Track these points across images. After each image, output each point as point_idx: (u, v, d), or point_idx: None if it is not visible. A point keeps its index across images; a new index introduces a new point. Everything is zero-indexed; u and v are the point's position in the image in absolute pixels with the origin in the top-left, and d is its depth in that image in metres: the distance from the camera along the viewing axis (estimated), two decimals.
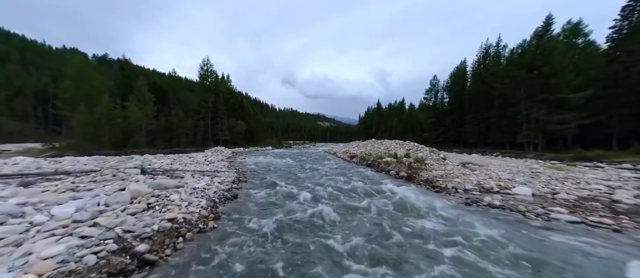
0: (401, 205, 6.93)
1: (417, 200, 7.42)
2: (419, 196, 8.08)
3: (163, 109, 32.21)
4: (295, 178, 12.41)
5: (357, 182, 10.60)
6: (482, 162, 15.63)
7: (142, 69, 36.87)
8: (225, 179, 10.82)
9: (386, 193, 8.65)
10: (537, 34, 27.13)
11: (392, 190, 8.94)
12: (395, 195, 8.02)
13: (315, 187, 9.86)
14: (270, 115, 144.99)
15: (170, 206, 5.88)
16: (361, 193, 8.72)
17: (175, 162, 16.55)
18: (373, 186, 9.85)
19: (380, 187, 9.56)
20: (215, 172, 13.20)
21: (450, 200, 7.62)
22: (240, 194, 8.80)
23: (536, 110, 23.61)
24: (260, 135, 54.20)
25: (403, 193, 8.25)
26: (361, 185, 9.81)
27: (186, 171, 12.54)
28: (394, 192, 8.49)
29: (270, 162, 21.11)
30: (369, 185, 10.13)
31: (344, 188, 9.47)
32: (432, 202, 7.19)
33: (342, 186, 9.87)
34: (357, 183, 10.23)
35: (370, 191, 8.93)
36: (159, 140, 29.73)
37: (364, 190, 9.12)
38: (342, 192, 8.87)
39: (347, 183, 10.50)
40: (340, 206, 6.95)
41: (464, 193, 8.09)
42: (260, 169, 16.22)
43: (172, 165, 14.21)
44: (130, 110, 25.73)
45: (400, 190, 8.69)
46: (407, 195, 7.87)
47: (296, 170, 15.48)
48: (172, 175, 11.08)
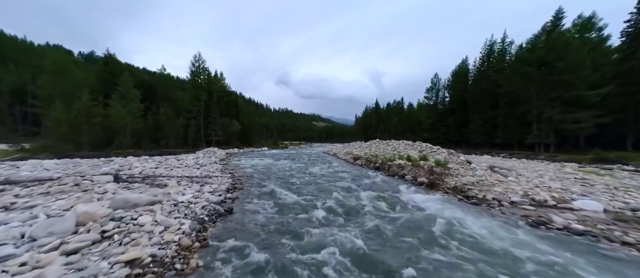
0: (450, 230, 5.26)
1: (464, 220, 5.80)
2: (462, 213, 6.46)
3: (151, 108, 30.06)
4: (298, 184, 10.73)
5: (373, 191, 8.98)
6: (503, 165, 14.19)
7: (129, 66, 34.58)
8: (218, 187, 9.05)
9: (414, 207, 7.03)
10: (545, 29, 26.02)
11: (419, 202, 7.33)
12: (429, 212, 6.42)
13: (323, 196, 8.21)
14: (265, 115, 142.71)
15: (137, 234, 4.13)
16: (385, 206, 7.09)
17: (160, 165, 14.65)
18: (394, 195, 8.24)
19: (401, 197, 7.97)
20: (206, 177, 11.40)
21: (501, 218, 5.98)
22: (236, 208, 7.08)
23: (548, 108, 22.41)
24: (255, 135, 52.22)
25: (440, 209, 6.66)
26: (379, 195, 8.19)
27: (171, 177, 10.72)
28: (426, 207, 6.88)
29: (267, 165, 19.38)
30: (388, 193, 8.53)
31: (361, 199, 7.82)
32: (485, 223, 5.56)
33: (356, 196, 8.23)
34: (373, 192, 8.62)
35: (394, 203, 7.30)
36: (146, 140, 27.59)
37: (386, 201, 7.50)
38: (359, 204, 7.22)
39: (361, 191, 8.86)
40: (366, 231, 5.26)
41: (513, 208, 6.50)
42: (257, 173, 14.47)
43: (155, 170, 12.34)
44: (114, 108, 23.60)
45: (433, 205, 7.10)
46: (454, 215, 6.23)
47: (297, 174, 13.81)
48: (153, 183, 9.25)
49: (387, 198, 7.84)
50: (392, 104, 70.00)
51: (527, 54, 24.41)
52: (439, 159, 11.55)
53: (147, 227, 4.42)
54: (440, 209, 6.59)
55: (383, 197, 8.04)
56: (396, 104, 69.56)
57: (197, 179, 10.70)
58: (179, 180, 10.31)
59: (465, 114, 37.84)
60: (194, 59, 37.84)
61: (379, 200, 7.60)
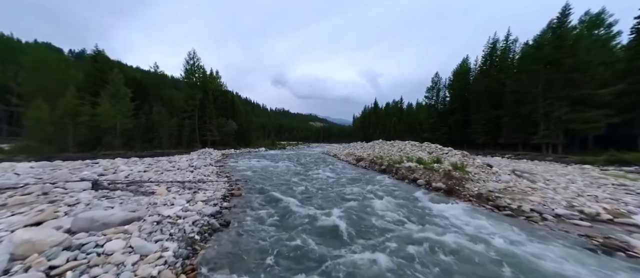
0: (500, 255, 4.24)
1: (509, 239, 4.80)
2: (501, 229, 5.45)
3: (143, 107, 28.69)
4: (302, 189, 9.68)
5: (388, 198, 7.97)
6: (518, 167, 13.30)
7: (119, 63, 33.09)
8: (213, 195, 7.95)
9: (441, 219, 6.02)
10: (551, 27, 25.33)
11: (444, 213, 6.33)
12: (463, 227, 5.40)
13: (332, 205, 7.18)
14: (262, 115, 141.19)
15: (100, 269, 3.04)
16: (407, 218, 6.07)
17: (150, 168, 13.47)
18: (413, 204, 7.26)
19: (422, 206, 6.99)
20: (200, 182, 10.28)
21: (555, 237, 4.94)
22: (234, 220, 6.00)
23: (557, 107, 21.66)
24: (252, 135, 50.93)
25: (472, 223, 5.66)
26: (397, 203, 7.18)
27: (161, 182, 9.58)
28: (455, 220, 5.87)
29: (266, 167, 18.28)
30: (404, 201, 7.55)
31: (377, 209, 6.79)
32: (539, 246, 4.55)
33: (370, 205, 7.21)
34: (388, 200, 7.61)
35: (417, 215, 6.30)
36: (137, 141, 26.23)
37: (407, 212, 6.49)
38: (376, 216, 6.20)
39: (375, 199, 7.84)
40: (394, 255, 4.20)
41: (560, 222, 5.50)
42: (256, 176, 13.38)
43: (144, 174, 11.17)
44: (102, 107, 22.24)
45: (462, 217, 6.11)
46: (493, 231, 5.23)
47: (299, 178, 12.76)
48: (139, 190, 8.11)
49: (407, 208, 6.83)
50: (391, 104, 69.22)
51: (534, 51, 23.67)
52: (455, 162, 10.58)
53: (116, 257, 3.31)
54: (473, 223, 5.58)
55: (401, 206, 7.03)
56: (395, 103, 68.81)
57: (189, 184, 9.58)
58: (169, 186, 9.18)
59: (467, 114, 37.09)
60: (188, 56, 36.47)
61: (398, 211, 6.58)
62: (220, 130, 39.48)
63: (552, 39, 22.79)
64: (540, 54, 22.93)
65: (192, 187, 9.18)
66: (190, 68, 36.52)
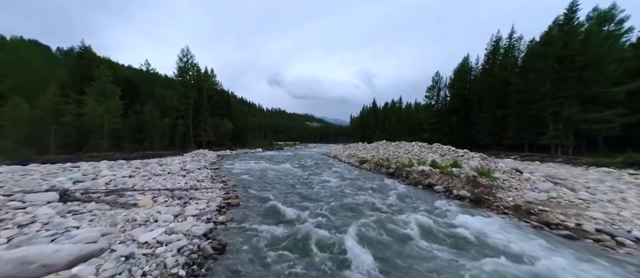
0: None
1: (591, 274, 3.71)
2: (574, 261, 4.38)
3: (133, 106, 27.23)
4: (307, 198, 8.55)
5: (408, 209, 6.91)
6: (538, 170, 12.34)
7: (107, 60, 31.47)
8: (206, 207, 6.76)
9: (480, 239, 4.94)
10: (558, 24, 24.60)
11: (482, 231, 5.25)
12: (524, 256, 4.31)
13: (347, 219, 6.09)
14: (258, 115, 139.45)
15: None
16: (437, 236, 4.99)
17: (137, 172, 12.18)
18: (436, 217, 6.19)
19: (451, 220, 5.93)
20: (192, 189, 9.06)
21: None
22: (231, 241, 4.85)
23: (567, 107, 20.86)
24: (248, 136, 49.58)
25: (527, 248, 4.58)
26: (421, 217, 6.08)
27: (146, 191, 8.34)
28: (502, 244, 4.79)
29: (264, 170, 17.09)
30: (427, 213, 6.48)
31: (401, 224, 5.69)
32: None
33: (390, 218, 6.12)
34: (410, 212, 6.54)
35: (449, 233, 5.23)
36: (126, 141, 24.80)
37: (436, 228, 5.43)
38: (404, 237, 5.09)
39: (396, 214, 6.75)
40: None
41: None
42: (254, 181, 12.19)
43: (128, 180, 9.91)
44: (88, 105, 20.79)
45: (507, 237, 5.04)
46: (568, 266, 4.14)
47: (302, 182, 11.62)
48: (117, 201, 6.86)
49: (435, 223, 5.74)
50: (389, 104, 68.36)
51: (542, 48, 22.87)
52: (477, 167, 9.54)
53: None
54: (527, 248, 4.47)
55: (426, 219, 5.93)
56: (393, 104, 67.97)
57: (179, 193, 8.35)
58: (156, 194, 7.95)
59: (469, 114, 36.28)
60: (182, 53, 35.02)
61: (425, 227, 5.48)
62: (215, 130, 38.13)
63: (561, 35, 22.00)
64: (549, 51, 22.12)
65: (183, 197, 7.96)
66: (183, 66, 35.08)
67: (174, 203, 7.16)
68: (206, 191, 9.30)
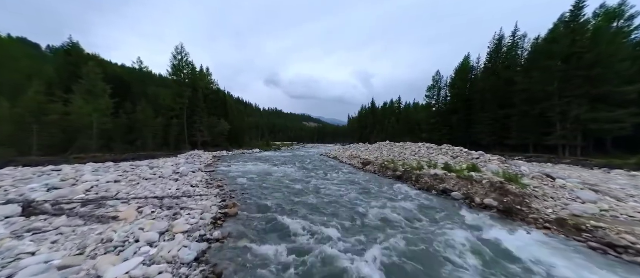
0: None
1: None
2: None
3: (124, 105, 26.01)
4: (314, 207, 7.66)
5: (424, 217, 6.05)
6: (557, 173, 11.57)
7: (97, 58, 30.13)
8: (199, 221, 5.82)
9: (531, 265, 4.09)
10: (564, 21, 24.02)
11: (534, 256, 4.39)
12: None
13: (363, 236, 5.21)
14: (255, 114, 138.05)
15: None
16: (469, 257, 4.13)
17: (125, 176, 11.16)
18: (463, 233, 5.33)
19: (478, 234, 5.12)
20: (184, 197, 8.10)
21: None
22: (228, 266, 3.95)
23: (575, 106, 20.24)
24: (245, 136, 48.45)
25: None
26: (457, 237, 5.21)
27: (131, 200, 7.36)
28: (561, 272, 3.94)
29: (263, 172, 16.16)
30: (452, 229, 5.60)
31: (431, 243, 4.81)
32: None
33: (417, 235, 5.25)
34: (446, 231, 5.67)
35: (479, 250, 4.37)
36: (117, 142, 23.60)
37: (462, 244, 4.58)
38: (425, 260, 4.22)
39: (409, 224, 5.91)
40: None
41: None
42: (253, 185, 11.26)
43: (112, 186, 8.89)
44: (75, 104, 19.61)
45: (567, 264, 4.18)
46: None
47: (304, 188, 10.71)
48: (92, 214, 5.86)
49: (468, 241, 4.88)
50: (388, 104, 67.65)
51: (549, 46, 22.27)
52: (499, 171, 8.71)
53: None
54: None
55: (461, 238, 5.06)
56: (392, 104, 67.26)
57: (169, 202, 7.38)
58: (142, 204, 6.98)
59: (471, 114, 35.69)
60: (176, 51, 33.72)
61: (462, 249, 4.61)
62: (211, 130, 36.97)
63: (568, 32, 21.41)
64: (556, 49, 21.51)
65: (173, 206, 7.00)
66: (178, 64, 33.84)
67: (163, 215, 6.20)
68: (201, 198, 8.35)
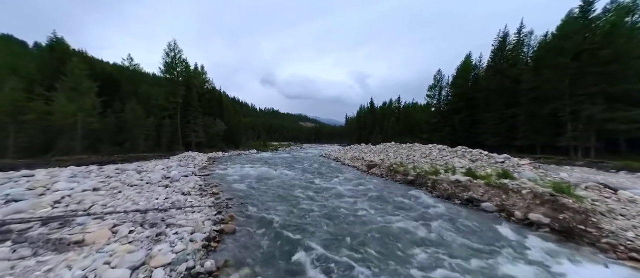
0: None
1: None
2: None
3: (113, 104, 24.53)
4: (323, 222, 6.46)
5: (460, 238, 4.90)
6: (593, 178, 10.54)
7: (84, 54, 28.48)
8: (189, 241, 4.60)
9: None
10: (572, 17, 23.22)
11: None
12: None
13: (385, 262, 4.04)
14: (251, 115, 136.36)
15: None
16: None
17: (106, 184, 9.81)
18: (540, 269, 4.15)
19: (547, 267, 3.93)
20: (173, 208, 6.86)
21: None
22: None
23: (589, 105, 19.38)
24: (242, 136, 47.03)
25: None
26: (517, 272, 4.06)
27: (109, 214, 6.09)
28: None
29: (263, 176, 14.93)
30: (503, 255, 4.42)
31: None
32: None
33: (463, 270, 4.07)
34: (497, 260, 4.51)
35: None
36: (105, 143, 22.11)
37: None
38: None
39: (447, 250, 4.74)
40: None
41: None
42: (252, 192, 10.03)
43: (88, 196, 7.57)
44: (58, 103, 18.14)
45: None
46: None
47: (310, 196, 9.52)
48: (49, 239, 4.57)
49: None
50: (386, 104, 66.70)
51: (560, 42, 21.40)
52: (534, 177, 7.60)
53: None
54: None
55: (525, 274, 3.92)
56: (390, 103, 66.34)
57: (154, 216, 6.12)
58: (120, 220, 5.72)
59: (474, 113, 34.83)
60: (169, 48, 32.15)
61: None
62: (206, 131, 35.54)
63: (580, 28, 20.58)
64: (568, 45, 20.65)
65: (158, 223, 5.74)
66: (170, 61, 32.32)
67: (143, 236, 4.95)
68: (192, 210, 7.11)
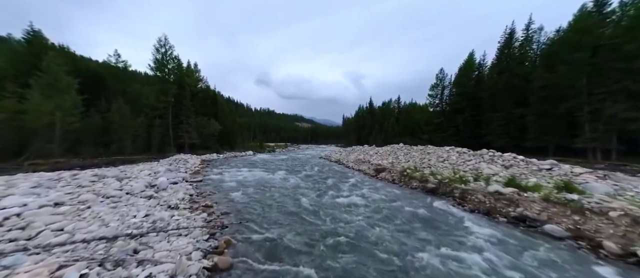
0: None
1: None
2: None
3: (97, 103, 22.59)
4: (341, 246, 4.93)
5: None
6: None
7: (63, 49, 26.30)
8: None
9: None
10: (586, 11, 22.12)
11: None
12: None
13: None
14: (246, 115, 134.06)
15: None
16: None
17: (75, 195, 8.09)
18: None
19: None
20: (152, 233, 5.22)
21: None
22: None
23: (610, 104, 18.20)
24: (237, 137, 45.16)
25: None
26: None
27: (59, 246, 4.44)
28: None
29: (261, 181, 13.34)
30: None
31: None
32: None
33: None
34: None
35: None
36: (87, 145, 20.18)
37: None
38: None
39: None
40: None
41: None
42: (251, 204, 8.42)
43: (39, 217, 5.86)
44: (32, 100, 16.24)
45: None
46: None
47: (316, 207, 8.00)
48: None
49: None
50: (386, 103, 65.41)
51: (578, 37, 20.23)
52: (610, 192, 6.16)
53: None
54: None
55: None
56: (389, 103, 65.09)
57: (123, 247, 4.44)
58: (70, 257, 4.05)
59: (479, 113, 33.66)
60: (159, 43, 30.09)
61: None
62: (200, 131, 33.64)
63: (599, 22, 19.46)
64: (586, 41, 19.48)
65: (126, 258, 4.10)
66: (161, 58, 30.33)
67: None
68: (178, 232, 5.49)
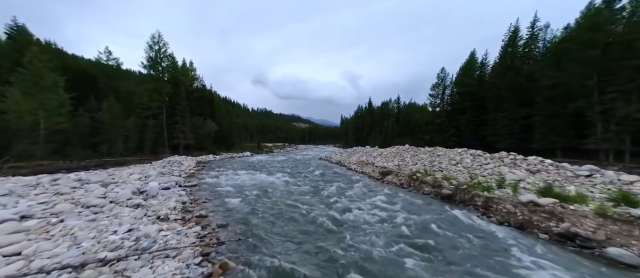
0: None
1: None
2: None
3: (87, 102, 21.40)
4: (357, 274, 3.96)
5: None
6: None
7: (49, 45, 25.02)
8: None
9: None
10: (593, 8, 21.53)
11: None
12: None
13: None
14: (243, 115, 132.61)
15: None
16: None
17: (51, 204, 7.07)
18: None
19: None
20: (132, 256, 4.20)
21: None
22: None
23: (623, 104, 17.54)
24: (234, 138, 44.01)
25: None
26: None
27: None
28: None
29: (261, 186, 12.35)
30: None
31: None
32: None
33: None
34: None
35: None
36: (75, 146, 19.01)
37: None
38: None
39: None
40: None
41: None
42: (251, 213, 7.45)
43: (10, 228, 4.84)
44: (11, 98, 15.08)
45: None
46: None
47: (324, 217, 7.04)
48: None
49: None
50: (386, 103, 64.64)
51: (588, 33, 19.59)
52: None
53: None
54: None
55: None
56: (388, 103, 64.33)
57: (93, 276, 3.46)
58: None
59: (482, 113, 32.95)
60: (152, 40, 28.87)
61: None
62: (195, 132, 32.49)
63: (611, 18, 18.83)
64: (598, 37, 18.83)
65: None
66: (154, 55, 29.14)
67: None
68: (164, 254, 4.51)
